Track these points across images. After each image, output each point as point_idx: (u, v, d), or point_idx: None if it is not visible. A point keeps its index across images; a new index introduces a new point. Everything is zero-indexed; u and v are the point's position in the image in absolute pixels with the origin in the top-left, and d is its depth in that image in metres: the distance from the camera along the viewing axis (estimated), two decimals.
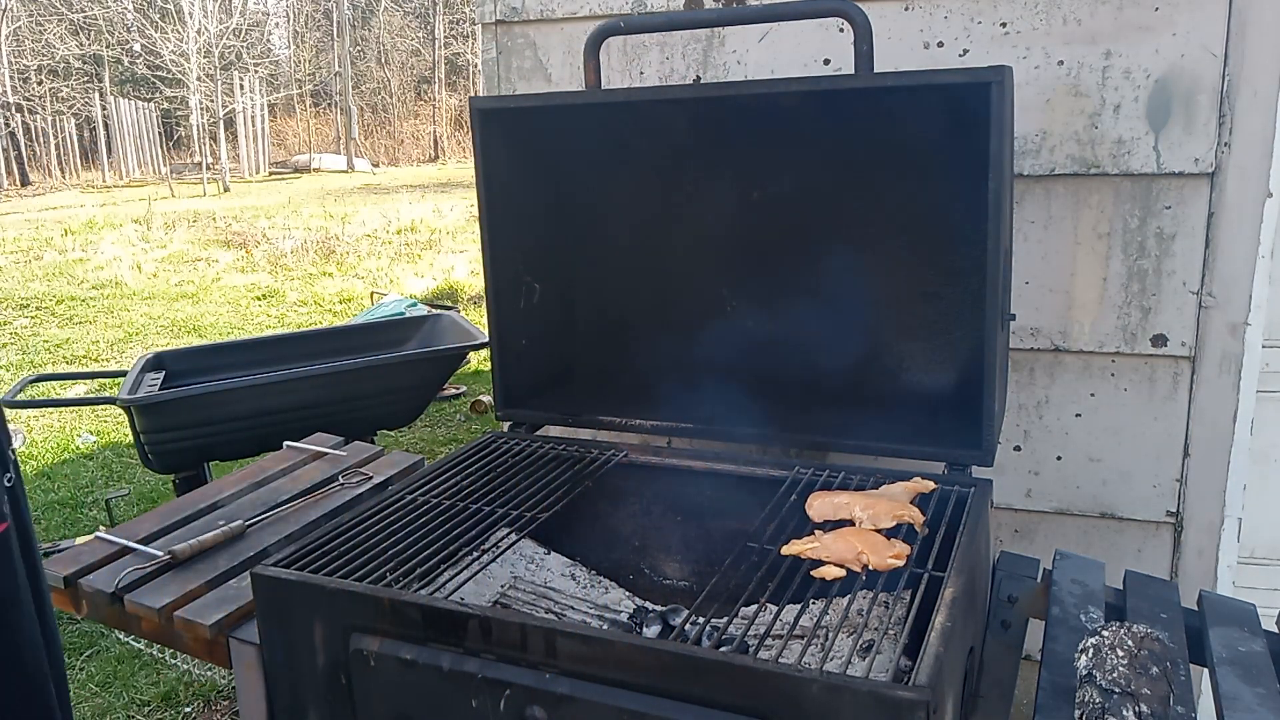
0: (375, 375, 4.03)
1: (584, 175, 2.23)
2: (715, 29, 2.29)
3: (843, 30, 2.14)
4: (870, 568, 1.48)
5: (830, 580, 1.47)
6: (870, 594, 1.46)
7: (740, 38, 2.29)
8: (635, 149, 2.18)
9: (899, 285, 2.03)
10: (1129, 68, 2.03)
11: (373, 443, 2.58)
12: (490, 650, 1.33)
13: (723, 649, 1.28)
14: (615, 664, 1.26)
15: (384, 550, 1.57)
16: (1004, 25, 2.09)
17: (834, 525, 1.62)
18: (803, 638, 1.53)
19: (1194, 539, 2.18)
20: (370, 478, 2.20)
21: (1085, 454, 2.22)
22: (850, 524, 1.62)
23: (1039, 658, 1.48)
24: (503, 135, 2.03)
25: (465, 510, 1.74)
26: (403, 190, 18.93)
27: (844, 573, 1.48)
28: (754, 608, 1.42)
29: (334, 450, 2.41)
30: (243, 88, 23.58)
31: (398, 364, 4.12)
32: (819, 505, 1.68)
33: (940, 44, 2.14)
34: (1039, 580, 1.74)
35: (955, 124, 1.77)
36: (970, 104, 1.60)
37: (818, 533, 1.59)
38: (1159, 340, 2.12)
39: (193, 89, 21.29)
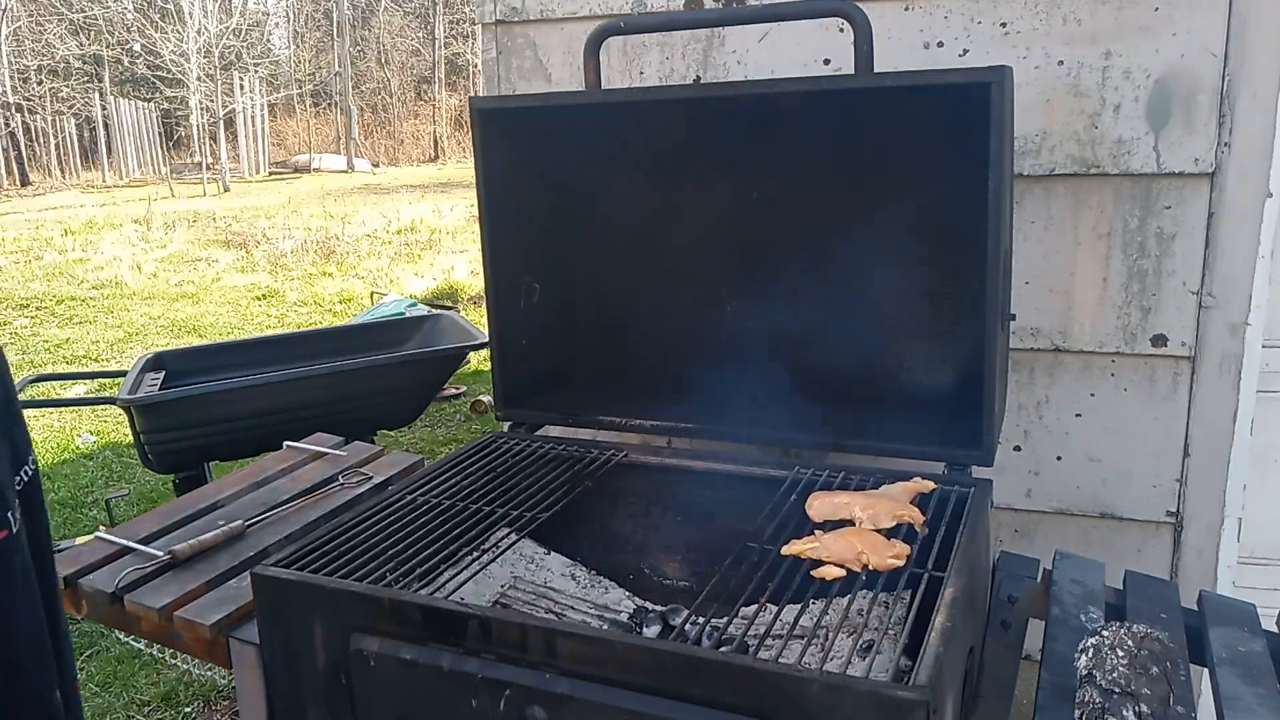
0: (375, 375, 4.03)
1: (584, 175, 2.23)
2: (715, 29, 2.29)
3: (843, 30, 2.14)
4: (870, 568, 1.48)
5: (830, 580, 1.47)
6: (870, 594, 1.46)
7: (740, 38, 2.29)
8: (635, 149, 2.18)
9: (899, 285, 2.03)
10: (1129, 68, 2.03)
11: (373, 443, 2.58)
12: (490, 650, 1.33)
13: (723, 649, 1.28)
14: (615, 664, 1.26)
15: (384, 550, 1.57)
16: (1004, 25, 2.09)
17: (834, 525, 1.62)
18: (803, 638, 1.53)
19: (1194, 539, 2.18)
20: (370, 478, 2.20)
21: (1085, 454, 2.22)
22: (850, 524, 1.62)
23: (1039, 658, 1.48)
24: (503, 135, 2.03)
25: (465, 510, 1.74)
26: (403, 190, 18.93)
27: (844, 573, 1.48)
28: (754, 608, 1.42)
29: (334, 450, 2.41)
30: (243, 88, 23.59)
31: (398, 364, 4.12)
32: (819, 505, 1.68)
33: (940, 44, 2.14)
34: (1039, 580, 1.74)
35: (955, 124, 1.76)
36: (970, 104, 1.60)
37: (818, 533, 1.59)
38: (1159, 340, 2.12)
39: (193, 89, 21.30)
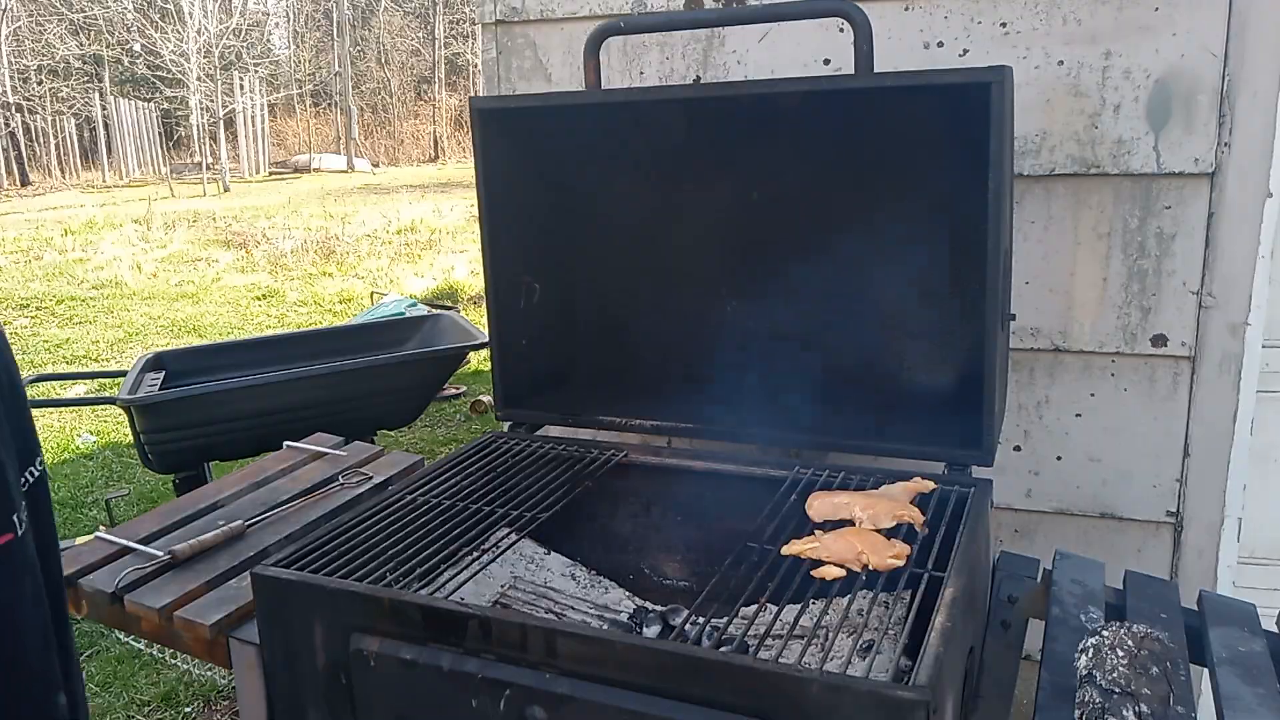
0: (375, 375, 4.03)
1: (584, 175, 2.23)
2: (715, 29, 2.29)
3: (843, 30, 2.14)
4: (870, 568, 1.48)
5: (830, 580, 1.47)
6: (870, 594, 1.46)
7: (740, 38, 2.29)
8: (635, 149, 2.18)
9: (899, 285, 2.03)
10: (1129, 68, 2.03)
11: (373, 443, 2.58)
12: (490, 650, 1.33)
13: (723, 649, 1.28)
14: (615, 664, 1.26)
15: (384, 550, 1.57)
16: (1004, 25, 2.09)
17: (834, 525, 1.62)
18: (803, 638, 1.53)
19: (1194, 539, 2.18)
20: (370, 478, 2.20)
21: (1085, 454, 2.22)
22: (850, 524, 1.62)
23: (1039, 658, 1.48)
24: (503, 135, 2.03)
25: (465, 510, 1.74)
26: (403, 190, 18.93)
27: (844, 573, 1.48)
28: (754, 608, 1.42)
29: (334, 450, 2.41)
30: (243, 88, 23.59)
31: (398, 364, 4.12)
32: (819, 505, 1.68)
33: (940, 44, 2.14)
34: (1039, 580, 1.74)
35: (955, 124, 1.76)
36: (970, 104, 1.60)
37: (818, 533, 1.59)
38: (1159, 340, 2.12)
39: (193, 89, 21.31)
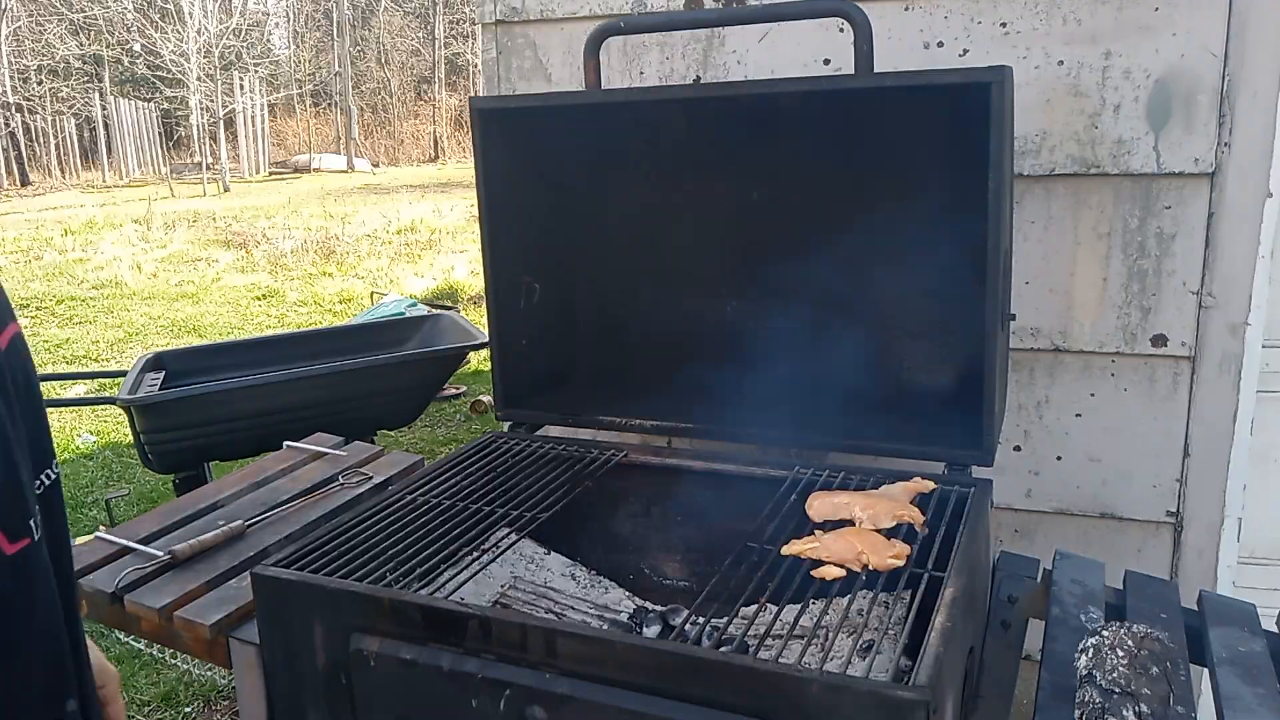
0: (375, 375, 4.03)
1: (584, 175, 2.23)
2: (715, 29, 2.29)
3: (843, 30, 2.14)
4: (870, 568, 1.48)
5: (830, 580, 1.47)
6: (870, 594, 1.46)
7: (740, 38, 2.29)
8: (635, 149, 2.18)
9: (899, 285, 2.03)
10: (1129, 68, 2.03)
11: (373, 443, 2.58)
12: (490, 650, 1.33)
13: (723, 649, 1.28)
14: (615, 664, 1.26)
15: (384, 550, 1.57)
16: (1004, 25, 2.09)
17: (834, 525, 1.62)
18: (803, 638, 1.53)
19: (1194, 539, 2.18)
20: (370, 478, 2.20)
21: (1085, 454, 2.22)
22: (850, 524, 1.62)
23: (1039, 658, 1.48)
24: (503, 135, 2.03)
25: (465, 510, 1.74)
26: (403, 190, 18.93)
27: (844, 573, 1.48)
28: (754, 608, 1.42)
29: (334, 450, 2.41)
30: (243, 88, 23.59)
31: (398, 364, 4.12)
32: (819, 505, 1.68)
33: (940, 44, 2.14)
34: (1039, 580, 1.74)
35: (955, 124, 1.77)
36: (970, 104, 1.60)
37: (818, 533, 1.59)
38: (1159, 340, 2.12)
39: (193, 89, 21.30)
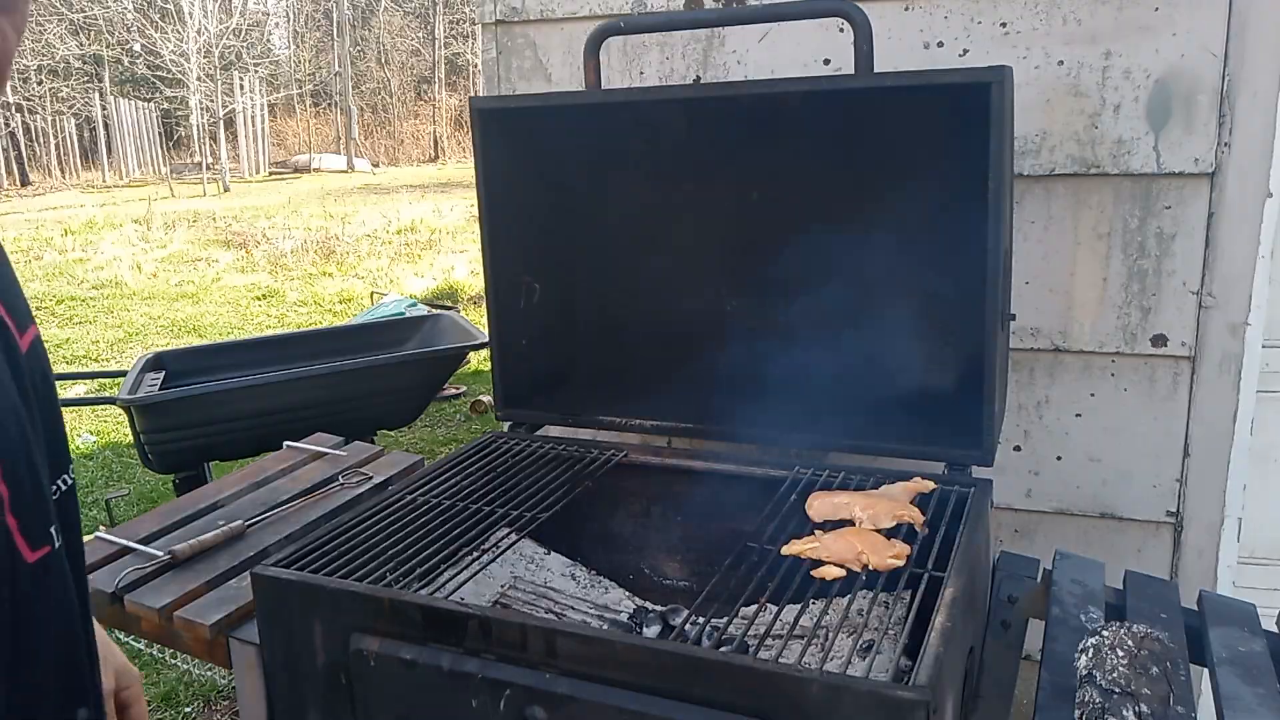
0: (375, 375, 4.03)
1: (584, 175, 2.23)
2: (715, 29, 2.29)
3: (843, 30, 2.14)
4: (870, 568, 1.48)
5: (830, 580, 1.47)
6: (870, 594, 1.46)
7: (740, 38, 2.29)
8: (635, 149, 2.18)
9: (899, 285, 2.03)
10: (1129, 68, 2.03)
11: (373, 443, 2.58)
12: (490, 650, 1.33)
13: (723, 649, 1.28)
14: (615, 664, 1.26)
15: (384, 550, 1.57)
16: (1004, 25, 2.09)
17: (834, 525, 1.62)
18: (803, 638, 1.53)
19: (1194, 539, 2.18)
20: (370, 478, 2.20)
21: (1085, 454, 2.22)
22: (850, 524, 1.62)
23: (1039, 658, 1.48)
24: (503, 135, 2.03)
25: (465, 510, 1.74)
26: (403, 190, 18.93)
27: (844, 573, 1.48)
28: (754, 608, 1.42)
29: (334, 450, 2.41)
30: (243, 88, 23.59)
31: (398, 364, 4.12)
32: (819, 505, 1.68)
33: (940, 44, 2.14)
34: (1039, 580, 1.73)
35: (955, 124, 1.77)
36: (970, 104, 1.60)
37: (818, 533, 1.59)
38: (1159, 340, 2.12)
39: (193, 89, 21.30)
